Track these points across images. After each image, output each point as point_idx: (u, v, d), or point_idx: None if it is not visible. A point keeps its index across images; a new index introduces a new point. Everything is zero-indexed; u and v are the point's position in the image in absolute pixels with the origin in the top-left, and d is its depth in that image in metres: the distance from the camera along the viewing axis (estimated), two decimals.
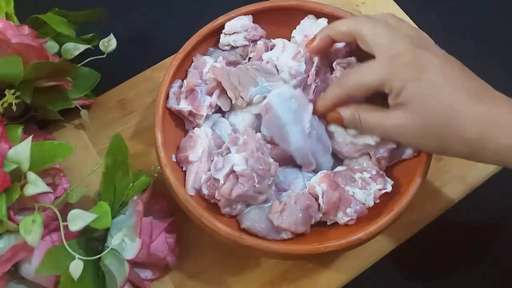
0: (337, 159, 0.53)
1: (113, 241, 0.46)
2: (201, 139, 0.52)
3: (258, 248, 0.47)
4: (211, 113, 0.54)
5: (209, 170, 0.50)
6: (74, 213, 0.45)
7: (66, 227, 0.45)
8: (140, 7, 0.73)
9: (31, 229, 0.43)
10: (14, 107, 0.49)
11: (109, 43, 0.58)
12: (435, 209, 0.57)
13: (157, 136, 0.50)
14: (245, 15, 0.57)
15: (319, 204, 0.49)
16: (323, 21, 0.57)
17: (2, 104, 0.49)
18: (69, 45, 0.58)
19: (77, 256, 0.44)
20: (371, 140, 0.50)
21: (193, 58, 0.55)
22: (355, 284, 0.55)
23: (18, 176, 0.46)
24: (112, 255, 0.47)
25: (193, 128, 0.54)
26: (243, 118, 0.53)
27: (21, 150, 0.47)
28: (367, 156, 0.52)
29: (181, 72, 0.55)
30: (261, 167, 0.48)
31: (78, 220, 0.45)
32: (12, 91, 0.50)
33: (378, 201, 0.49)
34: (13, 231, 0.46)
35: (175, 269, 0.54)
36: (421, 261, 0.57)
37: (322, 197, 0.49)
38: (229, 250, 0.55)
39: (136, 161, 0.53)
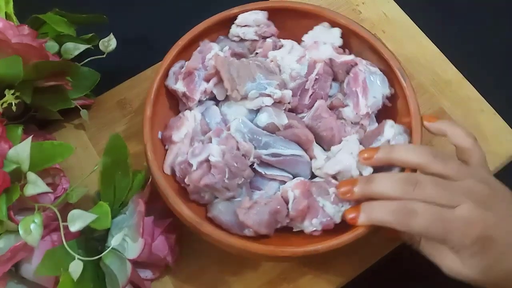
0: None
1: (114, 241, 0.46)
2: (188, 121, 0.53)
3: (215, 239, 0.47)
4: (204, 99, 0.55)
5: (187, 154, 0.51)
6: (74, 213, 0.45)
7: (66, 227, 0.45)
8: (140, 7, 0.73)
9: (31, 229, 0.43)
10: (14, 107, 0.49)
11: (109, 43, 0.58)
12: None
13: (146, 109, 0.51)
14: (261, 10, 0.57)
15: (288, 209, 0.49)
16: (336, 31, 0.57)
17: (2, 104, 0.49)
18: (69, 45, 0.58)
19: (76, 256, 0.44)
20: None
21: (200, 42, 0.56)
22: (354, 284, 0.55)
23: (18, 176, 0.46)
24: (113, 255, 0.47)
25: (185, 110, 0.55)
26: (235, 110, 0.54)
27: (21, 150, 0.47)
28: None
29: (188, 54, 0.56)
30: (235, 164, 0.49)
31: (78, 220, 0.45)
32: (12, 91, 0.50)
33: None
34: (13, 231, 0.46)
35: (175, 269, 0.54)
36: (421, 262, 0.57)
37: (292, 203, 0.49)
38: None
39: (136, 161, 0.53)
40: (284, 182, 0.52)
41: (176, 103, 0.56)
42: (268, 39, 0.57)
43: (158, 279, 0.54)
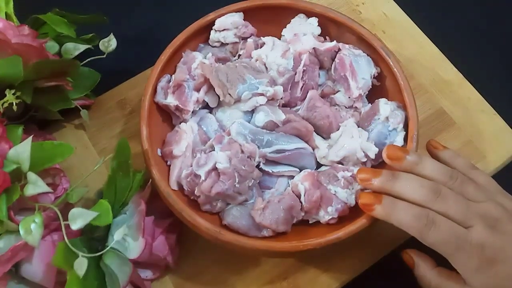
0: None
1: (116, 235, 0.46)
2: (186, 134, 0.52)
3: (237, 244, 0.47)
4: (198, 108, 0.54)
5: (192, 166, 0.50)
6: (74, 211, 0.45)
7: (67, 226, 0.45)
8: (140, 7, 0.73)
9: (31, 229, 0.43)
10: (14, 107, 0.49)
11: (109, 43, 0.58)
12: None
13: (142, 129, 0.51)
14: (236, 12, 0.57)
15: (301, 203, 0.49)
16: (313, 21, 0.57)
17: (2, 104, 0.49)
18: (69, 45, 0.58)
19: (80, 254, 0.44)
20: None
21: (183, 53, 0.56)
22: (355, 284, 0.55)
23: (18, 176, 0.46)
24: (113, 255, 0.47)
25: (180, 123, 0.54)
26: (230, 114, 0.53)
27: (21, 150, 0.46)
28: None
29: (171, 67, 0.55)
30: (243, 167, 0.49)
31: (79, 218, 0.45)
32: (13, 91, 0.50)
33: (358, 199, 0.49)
34: (13, 231, 0.46)
35: (175, 269, 0.54)
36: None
37: (304, 195, 0.49)
38: (229, 250, 0.55)
39: (136, 161, 0.53)
40: (292, 177, 0.52)
41: (167, 117, 0.55)
42: (248, 39, 0.57)
43: (158, 279, 0.54)
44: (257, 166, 0.51)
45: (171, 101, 0.53)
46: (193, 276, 0.54)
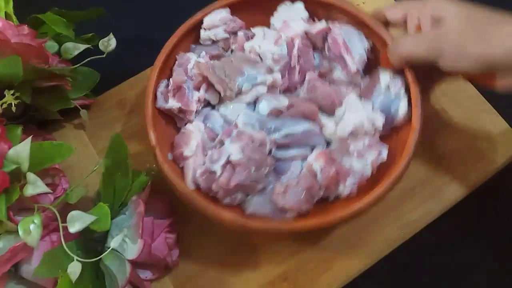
0: None
1: (113, 243, 0.46)
2: (194, 133, 0.52)
3: (266, 229, 0.48)
4: (200, 107, 0.55)
5: (205, 163, 0.50)
6: (73, 214, 0.45)
7: (65, 227, 0.45)
8: (140, 7, 0.73)
9: (30, 229, 0.43)
10: (14, 108, 0.49)
11: (109, 43, 0.58)
12: (435, 209, 0.57)
13: (150, 136, 0.51)
14: (222, 8, 0.57)
15: (318, 181, 0.50)
16: (299, 5, 0.58)
17: (2, 105, 0.49)
18: (69, 45, 0.58)
19: (75, 257, 0.44)
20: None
21: (177, 56, 0.56)
22: (355, 284, 0.55)
23: (17, 177, 0.46)
24: (112, 256, 0.47)
25: (185, 124, 0.54)
26: (234, 108, 0.54)
27: (21, 151, 0.46)
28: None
29: (166, 71, 0.56)
30: (257, 156, 0.49)
31: (77, 221, 0.45)
32: (12, 91, 0.50)
33: (375, 171, 0.51)
34: (12, 232, 0.46)
35: (175, 269, 0.54)
36: (421, 262, 0.57)
37: (320, 173, 0.50)
38: (229, 251, 0.55)
39: (136, 161, 0.53)
40: (305, 158, 0.52)
41: (171, 121, 0.55)
42: (238, 33, 0.57)
43: (158, 279, 0.54)
44: (269, 154, 0.51)
45: (173, 104, 0.53)
46: (193, 276, 0.54)
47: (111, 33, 0.58)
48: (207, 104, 0.55)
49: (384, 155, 0.51)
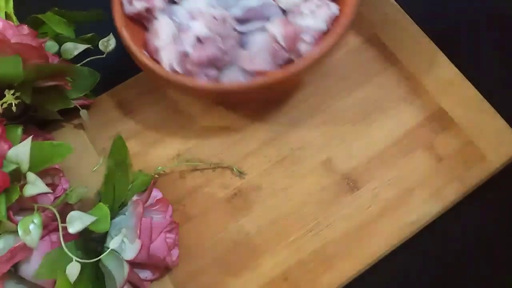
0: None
1: (112, 244, 0.46)
2: (162, 26, 0.55)
3: (238, 89, 0.51)
4: (163, 6, 0.57)
5: (177, 49, 0.53)
6: (73, 215, 0.45)
7: (64, 228, 0.45)
8: None
9: (30, 230, 0.43)
10: (14, 108, 0.49)
11: (109, 43, 0.58)
12: (434, 209, 0.57)
13: (123, 33, 0.54)
14: None
15: (281, 45, 0.54)
16: None
17: (1, 105, 0.49)
18: (69, 45, 0.58)
19: (74, 258, 0.44)
20: None
21: None
22: (355, 284, 0.55)
23: (17, 177, 0.46)
24: (111, 256, 0.47)
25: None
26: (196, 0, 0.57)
27: (21, 151, 0.46)
28: None
29: None
30: (221, 30, 0.53)
31: (76, 222, 0.45)
32: (12, 91, 0.50)
33: (330, 25, 0.54)
34: (12, 232, 0.46)
35: (175, 269, 0.54)
36: (421, 262, 0.57)
37: (281, 37, 0.53)
38: (229, 251, 0.55)
39: (136, 161, 0.53)
40: (265, 29, 0.56)
41: (141, 29, 0.57)
42: None
43: (158, 279, 0.53)
44: (233, 29, 0.55)
45: (138, 4, 0.55)
46: (193, 276, 0.54)
47: (111, 33, 0.58)
48: (172, 2, 0.58)
49: (334, 9, 0.55)
